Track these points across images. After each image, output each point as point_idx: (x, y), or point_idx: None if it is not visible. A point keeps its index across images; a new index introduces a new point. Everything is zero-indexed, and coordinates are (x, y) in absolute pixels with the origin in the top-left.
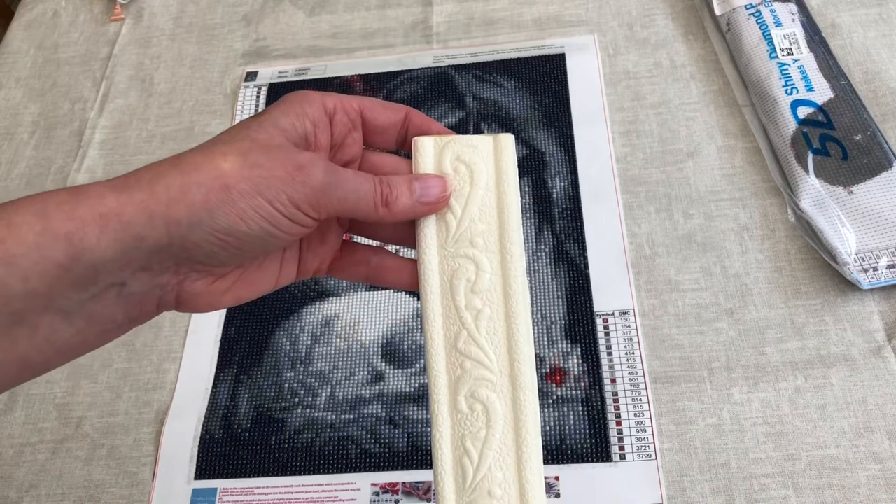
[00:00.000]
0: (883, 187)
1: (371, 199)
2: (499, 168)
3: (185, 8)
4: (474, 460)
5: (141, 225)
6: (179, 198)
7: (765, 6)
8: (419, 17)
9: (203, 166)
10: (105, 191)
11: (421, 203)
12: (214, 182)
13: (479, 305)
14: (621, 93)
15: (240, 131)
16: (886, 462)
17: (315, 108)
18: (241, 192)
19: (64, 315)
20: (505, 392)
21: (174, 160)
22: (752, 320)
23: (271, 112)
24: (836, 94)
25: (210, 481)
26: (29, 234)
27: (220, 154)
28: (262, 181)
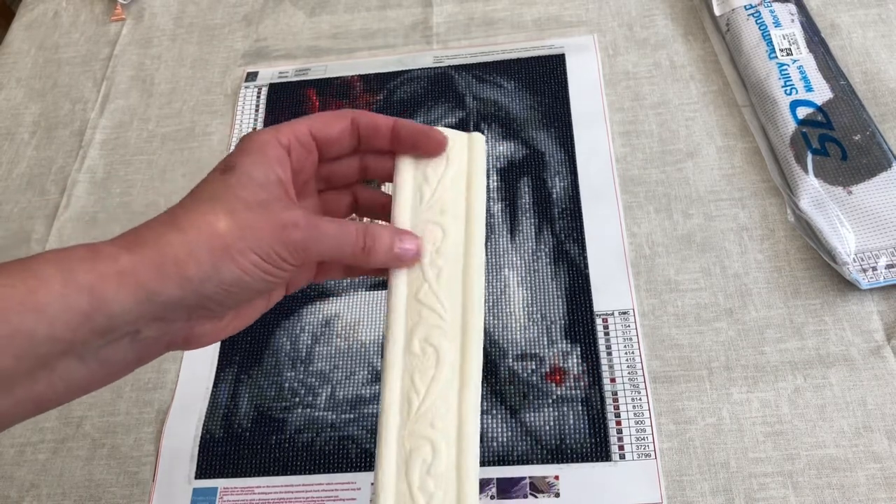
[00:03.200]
0: (882, 187)
1: (352, 251)
2: (471, 157)
3: (185, 8)
4: (421, 394)
5: (155, 282)
6: (187, 258)
7: (764, 7)
8: (419, 18)
9: (201, 227)
10: (118, 251)
11: (395, 258)
12: (215, 242)
13: (440, 264)
14: (621, 93)
15: (223, 187)
16: (885, 462)
17: (274, 149)
18: (238, 250)
19: (80, 358)
20: (455, 339)
21: (171, 219)
22: (751, 320)
23: (242, 164)
24: (836, 95)
25: (210, 481)
26: (55, 285)
27: (212, 213)
28: (253, 241)
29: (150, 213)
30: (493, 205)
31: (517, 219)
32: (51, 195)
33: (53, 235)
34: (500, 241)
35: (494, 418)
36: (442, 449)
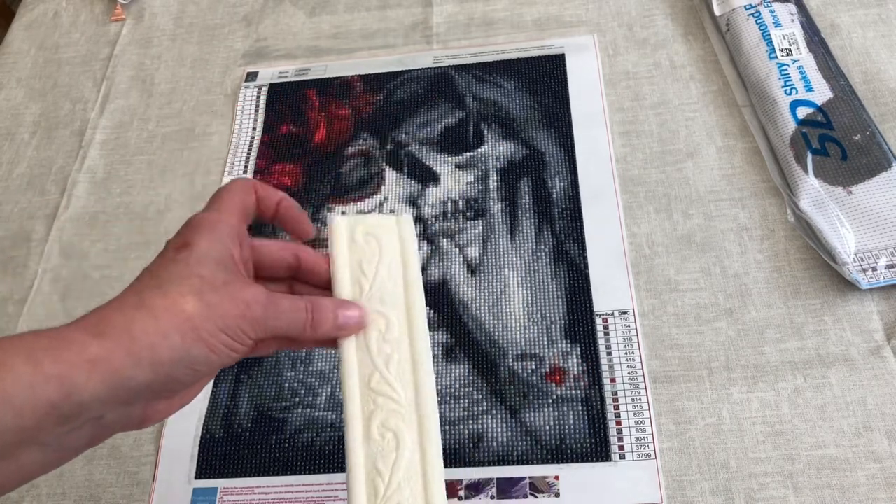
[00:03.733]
0: (882, 187)
1: (301, 325)
2: (402, 239)
3: (185, 8)
4: (386, 479)
5: (129, 368)
6: (160, 342)
7: (764, 7)
8: (419, 18)
9: (170, 309)
10: (86, 338)
11: (342, 327)
12: (185, 325)
13: (388, 351)
14: (621, 93)
15: (184, 267)
16: (885, 462)
17: (226, 229)
18: (207, 331)
19: (41, 446)
20: (412, 421)
21: (139, 301)
22: (751, 320)
23: (198, 241)
24: (836, 95)
25: (210, 481)
26: (24, 375)
27: (179, 295)
28: (221, 321)
29: (151, 214)
30: (493, 205)
31: (517, 219)
32: (51, 195)
33: (53, 235)
34: (500, 241)
35: (494, 418)
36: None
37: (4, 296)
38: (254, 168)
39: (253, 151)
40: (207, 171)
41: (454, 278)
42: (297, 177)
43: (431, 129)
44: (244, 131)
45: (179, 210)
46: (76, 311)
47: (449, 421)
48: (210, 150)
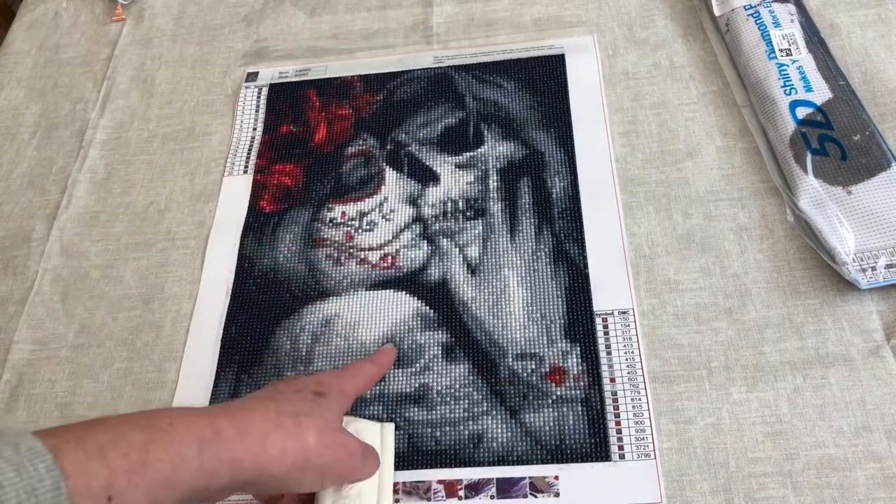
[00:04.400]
0: (882, 187)
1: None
2: (383, 446)
3: (185, 8)
4: None
5: (250, 471)
6: (279, 459)
7: (764, 7)
8: (419, 18)
9: (298, 437)
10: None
11: None
12: (301, 454)
13: None
14: (621, 93)
15: (316, 408)
16: (885, 461)
17: (347, 400)
18: (314, 466)
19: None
20: None
21: (276, 419)
22: (750, 320)
23: (329, 396)
24: (835, 95)
25: None
26: (192, 467)
27: (307, 428)
28: (328, 461)
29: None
30: (493, 205)
31: (517, 219)
32: (51, 195)
33: (54, 235)
34: (500, 241)
35: (494, 419)
36: None
37: (4, 296)
38: (254, 168)
39: (253, 151)
40: (208, 171)
41: (454, 278)
42: (297, 177)
43: (431, 129)
44: (244, 131)
45: (179, 210)
46: (76, 310)
47: (449, 421)
48: (210, 150)
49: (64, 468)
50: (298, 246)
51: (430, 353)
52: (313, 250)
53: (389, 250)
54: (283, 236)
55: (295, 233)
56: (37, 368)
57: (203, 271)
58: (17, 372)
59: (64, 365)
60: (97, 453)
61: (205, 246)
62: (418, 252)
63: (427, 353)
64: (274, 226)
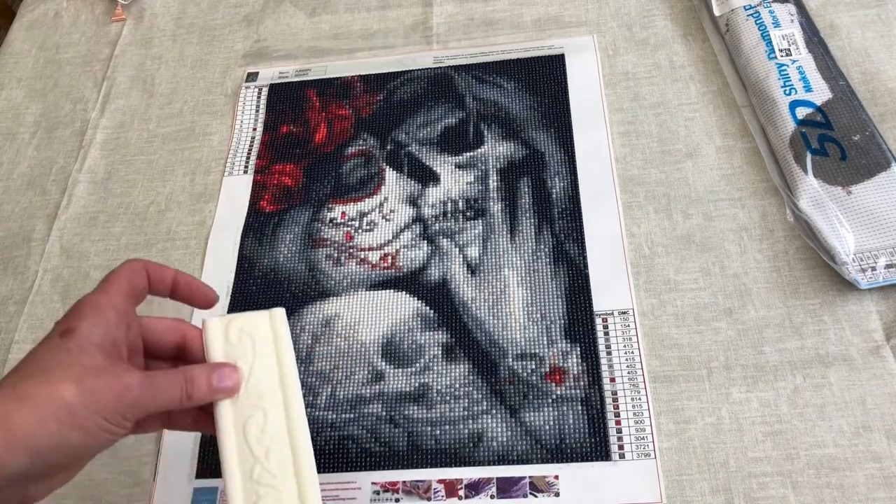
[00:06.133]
0: (881, 187)
1: (178, 399)
2: (275, 333)
3: (186, 9)
4: None
5: (6, 456)
6: (37, 430)
7: (763, 7)
8: (419, 18)
9: (50, 397)
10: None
11: (217, 391)
12: (63, 412)
13: (268, 443)
14: (620, 93)
15: (66, 353)
16: (885, 461)
17: (110, 312)
18: (84, 416)
19: None
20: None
21: (16, 392)
22: (750, 320)
23: (80, 328)
24: (835, 95)
25: (211, 480)
26: None
27: (59, 383)
28: (99, 404)
29: (151, 214)
30: (493, 205)
31: (517, 219)
32: (51, 195)
33: (54, 235)
34: (500, 241)
35: (494, 418)
36: None
37: (4, 296)
38: (254, 168)
39: (253, 151)
40: (208, 171)
41: (454, 278)
42: (297, 177)
43: (431, 129)
44: (244, 131)
45: (179, 210)
46: None
47: (449, 420)
48: (210, 150)
49: None
50: (298, 246)
51: (430, 353)
52: (313, 250)
53: (389, 250)
54: (283, 236)
55: (295, 233)
56: None
57: (203, 271)
58: None
59: None
60: None
61: (205, 246)
62: (418, 252)
63: (427, 353)
64: (274, 226)
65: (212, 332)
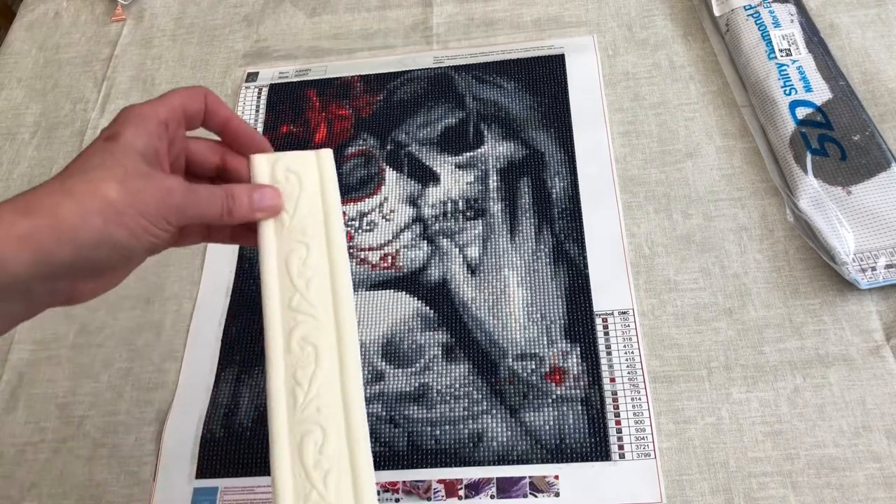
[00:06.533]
0: (881, 187)
1: (219, 210)
2: (321, 173)
3: (185, 9)
4: (304, 387)
5: (53, 246)
6: (83, 224)
7: (763, 7)
8: (419, 18)
9: (94, 195)
10: (15, 216)
11: (257, 210)
12: (107, 209)
13: (309, 275)
14: (620, 93)
15: (110, 156)
16: (885, 461)
17: (153, 123)
18: (129, 215)
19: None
20: (331, 335)
21: (63, 187)
22: (750, 320)
23: (124, 135)
24: (835, 95)
25: (211, 480)
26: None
27: (102, 182)
28: (142, 206)
29: None
30: (493, 205)
31: (517, 219)
32: None
33: None
34: (500, 241)
35: (494, 418)
36: (331, 431)
37: None
38: None
39: None
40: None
41: (454, 278)
42: None
43: (431, 129)
44: None
45: None
46: (76, 310)
47: (449, 420)
48: None
49: None
50: None
51: (430, 353)
52: None
53: (389, 250)
54: None
55: None
56: (37, 368)
57: (203, 271)
58: (17, 372)
59: (64, 365)
60: None
61: (205, 246)
62: (418, 252)
63: (427, 353)
64: None
65: (258, 167)
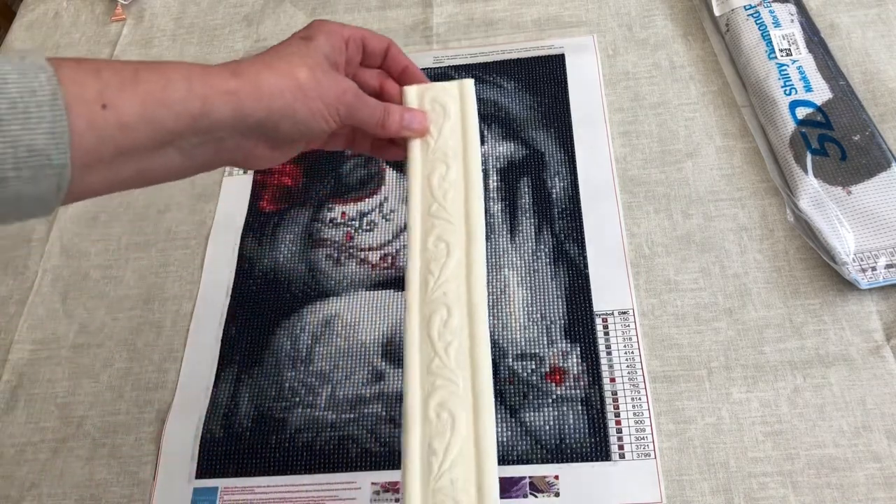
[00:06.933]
0: (881, 187)
1: (377, 120)
2: (463, 104)
3: (186, 9)
4: (435, 275)
5: (251, 104)
6: (276, 94)
7: (764, 7)
8: (419, 18)
9: (289, 74)
10: (225, 76)
11: (405, 128)
12: (296, 88)
13: (447, 187)
14: (620, 93)
15: (304, 49)
16: (885, 461)
17: (339, 39)
18: (311, 98)
19: (179, 150)
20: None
21: (264, 62)
22: (750, 320)
23: (316, 38)
24: (835, 95)
25: (211, 480)
26: (181, 90)
27: (296, 66)
28: (323, 93)
29: (151, 214)
30: (493, 205)
31: (517, 219)
32: None
33: (54, 235)
34: (500, 241)
35: None
36: (455, 310)
37: (4, 296)
38: None
39: None
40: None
41: None
42: (297, 177)
43: None
44: None
45: (179, 210)
46: (76, 311)
47: None
48: None
49: (61, 79)
50: (298, 246)
51: None
52: (313, 250)
53: (389, 250)
54: (283, 236)
55: (295, 233)
56: (37, 368)
57: (203, 271)
58: (17, 372)
59: (64, 365)
60: (92, 72)
61: (205, 246)
62: None
63: None
64: (274, 226)
65: (409, 96)
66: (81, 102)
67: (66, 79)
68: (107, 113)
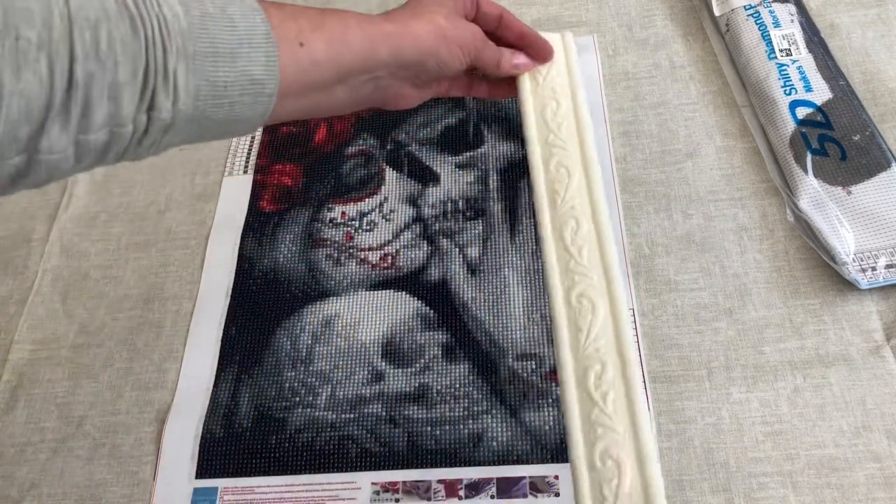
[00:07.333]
0: (881, 187)
1: (495, 61)
2: (566, 52)
3: None
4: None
5: (405, 46)
6: (423, 36)
7: (764, 7)
8: None
9: (431, 20)
10: (383, 22)
11: (514, 65)
12: (438, 32)
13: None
14: (620, 93)
15: (439, 1)
16: (885, 461)
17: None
18: (450, 39)
19: (348, 87)
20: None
21: (411, 11)
22: (750, 320)
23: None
24: (835, 95)
25: (211, 480)
26: (357, 33)
27: (436, 14)
28: (459, 35)
29: (151, 213)
30: (494, 205)
31: (517, 219)
32: (51, 195)
33: (54, 235)
34: (500, 241)
35: (494, 418)
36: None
37: (4, 296)
38: (254, 168)
39: (253, 151)
40: (207, 171)
41: (454, 278)
42: (297, 177)
43: (431, 129)
44: None
45: (179, 210)
46: (76, 311)
47: (449, 420)
48: (210, 150)
49: (270, 20)
50: (298, 246)
51: (430, 353)
52: (313, 250)
53: (389, 250)
54: (283, 236)
55: (295, 233)
56: (37, 368)
57: (203, 271)
58: (17, 372)
59: (64, 365)
60: (290, 16)
61: (205, 246)
62: (418, 252)
63: (427, 353)
64: (274, 226)
65: None
66: (285, 41)
67: (274, 20)
68: (303, 51)
